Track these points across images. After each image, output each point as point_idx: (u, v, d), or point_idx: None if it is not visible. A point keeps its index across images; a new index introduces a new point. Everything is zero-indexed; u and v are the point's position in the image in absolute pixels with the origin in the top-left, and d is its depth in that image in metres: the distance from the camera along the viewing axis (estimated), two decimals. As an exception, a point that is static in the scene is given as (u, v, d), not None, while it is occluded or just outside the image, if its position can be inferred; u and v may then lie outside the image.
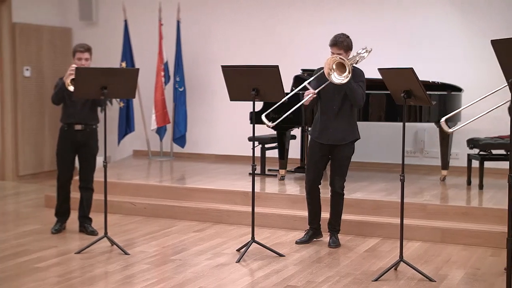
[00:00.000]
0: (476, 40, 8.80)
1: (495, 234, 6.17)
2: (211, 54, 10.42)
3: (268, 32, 10.12)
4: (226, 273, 5.37)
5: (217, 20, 10.45)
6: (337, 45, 5.97)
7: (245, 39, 10.27)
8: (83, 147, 6.62)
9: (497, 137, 7.87)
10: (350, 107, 6.09)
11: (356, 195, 7.25)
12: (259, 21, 10.19)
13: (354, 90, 5.91)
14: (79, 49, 6.48)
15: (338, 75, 5.75)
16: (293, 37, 9.93)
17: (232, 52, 10.24)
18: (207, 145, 10.64)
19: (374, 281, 5.13)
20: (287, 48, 9.90)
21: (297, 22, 9.94)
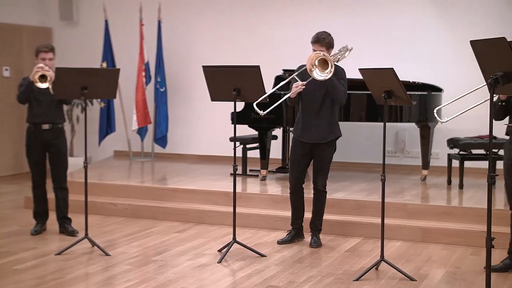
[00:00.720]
0: (456, 40, 8.85)
1: (475, 233, 6.20)
2: (192, 54, 10.40)
3: (250, 32, 10.12)
4: (208, 273, 5.36)
5: (198, 20, 10.43)
6: (319, 42, 5.99)
7: (226, 39, 10.26)
8: (51, 146, 6.56)
9: (477, 137, 7.93)
10: (331, 106, 6.11)
11: (338, 195, 7.27)
12: (240, 21, 10.19)
13: (336, 87, 5.93)
14: (43, 49, 6.42)
15: (321, 72, 5.75)
16: (275, 37, 9.94)
17: (213, 52, 10.23)
18: (188, 145, 10.62)
19: (355, 280, 5.14)
20: (268, 49, 9.91)
21: (279, 22, 9.95)
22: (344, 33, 8.61)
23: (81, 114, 10.23)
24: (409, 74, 8.21)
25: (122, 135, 10.67)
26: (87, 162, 6.13)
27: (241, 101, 6.06)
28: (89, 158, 10.23)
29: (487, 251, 3.93)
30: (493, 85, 3.85)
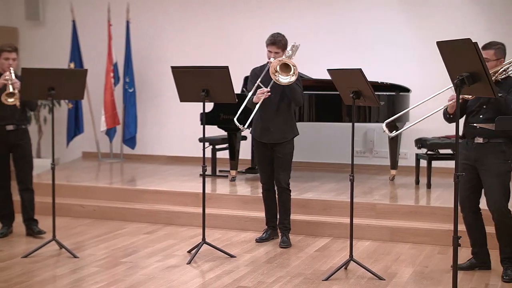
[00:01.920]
0: (423, 41, 8.92)
1: (443, 232, 6.27)
2: (161, 55, 10.36)
3: (219, 33, 10.11)
4: (177, 274, 5.33)
5: (167, 21, 10.39)
6: (275, 44, 6.08)
7: (195, 40, 10.23)
8: (16, 147, 6.48)
9: (444, 137, 8.01)
10: (288, 106, 6.19)
11: (307, 195, 7.29)
12: (209, 22, 10.17)
13: (294, 89, 6.03)
14: (7, 49, 6.33)
15: (284, 76, 5.83)
16: (243, 38, 9.94)
17: (182, 53, 10.20)
18: (157, 146, 10.58)
19: (325, 280, 5.16)
20: (237, 49, 9.90)
21: (247, 23, 9.95)
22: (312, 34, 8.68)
23: (48, 115, 10.14)
24: (377, 74, 8.26)
25: (90, 136, 10.59)
26: (54, 164, 6.07)
27: (210, 102, 6.05)
28: (56, 160, 10.15)
29: (454, 250, 3.97)
30: (459, 85, 3.89)
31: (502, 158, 5.10)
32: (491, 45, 5.14)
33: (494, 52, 5.10)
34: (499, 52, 5.12)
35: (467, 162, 5.22)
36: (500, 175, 5.10)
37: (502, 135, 5.06)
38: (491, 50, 5.10)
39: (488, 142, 5.11)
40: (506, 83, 5.09)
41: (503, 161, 5.10)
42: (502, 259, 5.23)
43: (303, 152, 6.29)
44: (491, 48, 5.11)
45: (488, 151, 5.11)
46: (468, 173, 5.19)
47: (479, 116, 5.15)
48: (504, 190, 5.12)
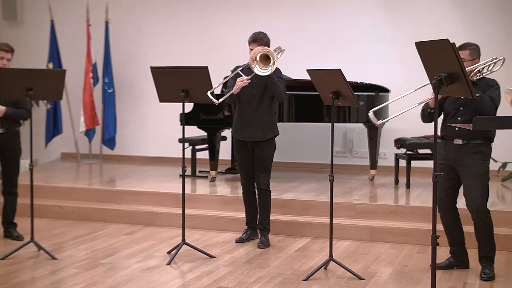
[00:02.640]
0: (403, 41, 8.98)
1: (422, 231, 6.30)
2: (140, 55, 10.33)
3: (198, 33, 10.10)
4: (157, 275, 5.32)
5: (146, 21, 10.35)
6: (257, 42, 6.08)
7: (175, 40, 10.21)
8: (5, 150, 6.43)
9: (423, 137, 8.05)
10: (269, 104, 6.19)
11: (287, 195, 7.30)
12: (189, 22, 10.15)
13: (276, 83, 6.02)
14: (4, 48, 6.30)
15: (262, 68, 5.81)
16: (223, 38, 9.93)
17: (162, 53, 10.17)
18: (137, 147, 10.54)
19: (305, 280, 5.17)
20: (217, 50, 9.90)
21: (227, 23, 9.95)
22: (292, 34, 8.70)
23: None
24: (357, 75, 8.29)
25: (69, 137, 10.52)
26: (32, 165, 6.03)
27: (189, 102, 6.04)
28: (35, 161, 10.08)
29: (433, 249, 4.00)
30: (437, 86, 3.92)
31: (481, 158, 5.14)
32: (466, 46, 5.19)
33: (470, 53, 5.15)
34: (474, 53, 5.17)
35: (445, 162, 5.26)
36: (479, 175, 5.14)
37: (480, 136, 5.11)
38: (467, 51, 5.15)
39: (467, 144, 5.14)
40: (481, 84, 5.14)
41: (482, 161, 5.15)
42: (481, 258, 5.28)
43: (283, 153, 6.30)
44: (466, 48, 5.16)
45: (467, 152, 5.14)
46: (446, 173, 5.22)
47: (457, 117, 5.19)
48: (483, 190, 5.16)
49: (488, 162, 5.19)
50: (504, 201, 7.26)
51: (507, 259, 5.63)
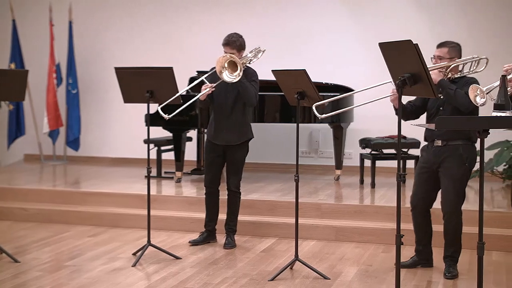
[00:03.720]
0: (367, 42, 9.02)
1: (386, 231, 6.35)
2: (105, 55, 10.25)
3: (163, 34, 10.06)
4: (122, 277, 5.28)
5: (111, 21, 10.28)
6: (229, 45, 6.03)
7: (139, 41, 10.16)
8: None
9: (387, 137, 8.12)
10: (243, 107, 6.15)
11: (252, 196, 7.31)
12: (154, 22, 10.11)
13: (247, 88, 5.98)
14: None
15: (230, 74, 5.78)
16: (188, 38, 9.91)
17: (126, 54, 10.10)
18: (102, 148, 10.45)
19: (270, 280, 5.17)
20: (182, 50, 9.87)
21: (192, 24, 9.93)
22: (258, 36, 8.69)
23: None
24: (322, 75, 8.33)
25: (32, 138, 10.40)
26: (-5, 166, 5.95)
27: (154, 103, 6.01)
28: (-2, 162, 9.96)
29: (397, 249, 4.03)
30: (401, 86, 3.95)
31: (460, 161, 5.15)
32: (446, 44, 5.23)
33: (448, 50, 5.18)
34: (453, 51, 5.20)
35: (425, 164, 5.29)
36: (457, 178, 5.16)
37: (460, 137, 5.11)
38: (445, 48, 5.19)
39: (446, 145, 5.17)
40: (461, 81, 5.18)
41: (461, 164, 5.15)
42: (445, 257, 5.33)
43: (249, 153, 6.29)
44: (445, 46, 5.21)
45: (446, 154, 5.17)
46: (426, 175, 5.26)
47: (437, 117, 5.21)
48: (460, 193, 5.20)
49: (467, 165, 5.18)
50: (468, 200, 7.31)
51: (470, 258, 5.69)
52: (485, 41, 8.67)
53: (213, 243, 6.35)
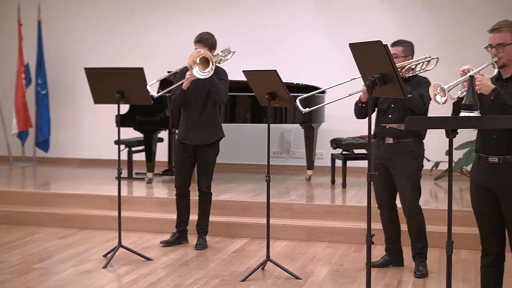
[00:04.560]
0: (338, 42, 9.06)
1: (357, 230, 6.38)
2: (75, 56, 10.17)
3: (134, 34, 10.01)
4: (92, 279, 5.24)
5: (81, 21, 10.21)
6: (202, 42, 6.03)
7: (110, 40, 10.10)
8: None
9: (358, 137, 8.16)
10: (213, 107, 6.15)
11: (224, 196, 7.30)
12: (124, 22, 10.06)
13: (217, 86, 5.98)
14: None
15: (201, 70, 5.76)
16: (159, 39, 9.87)
17: (96, 54, 10.04)
18: (72, 149, 10.37)
19: (242, 281, 5.17)
20: (153, 51, 9.82)
21: (163, 24, 9.89)
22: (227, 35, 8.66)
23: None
24: (293, 76, 8.35)
25: (1, 139, 10.29)
26: (-38, 168, 5.87)
27: (125, 104, 5.97)
28: (-35, 164, 9.82)
29: (367, 248, 4.05)
30: (371, 86, 3.97)
31: (412, 157, 5.24)
32: (399, 43, 5.31)
33: (403, 49, 5.26)
34: (407, 50, 5.28)
35: (379, 161, 5.35)
36: (410, 174, 5.25)
37: (410, 135, 5.21)
38: (400, 47, 5.27)
39: (397, 142, 5.24)
40: (413, 81, 5.26)
41: (413, 160, 5.24)
42: (414, 255, 5.38)
43: (220, 154, 6.29)
44: (399, 45, 5.28)
45: (398, 151, 5.24)
46: (381, 172, 5.31)
47: (388, 115, 5.27)
48: (415, 188, 5.28)
49: (419, 160, 5.29)
50: (437, 199, 7.42)
51: (440, 256, 5.74)
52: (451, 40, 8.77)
53: (184, 244, 6.34)
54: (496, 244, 4.05)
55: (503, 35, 3.85)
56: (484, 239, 4.09)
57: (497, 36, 3.86)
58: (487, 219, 4.03)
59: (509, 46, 3.85)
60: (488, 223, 4.03)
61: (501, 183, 3.88)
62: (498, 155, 3.87)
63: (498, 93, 3.76)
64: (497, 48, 3.86)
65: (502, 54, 3.86)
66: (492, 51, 3.90)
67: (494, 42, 3.88)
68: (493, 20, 4.10)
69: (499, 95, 3.76)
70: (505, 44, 3.84)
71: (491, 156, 3.90)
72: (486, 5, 8.78)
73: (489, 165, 3.92)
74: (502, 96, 3.76)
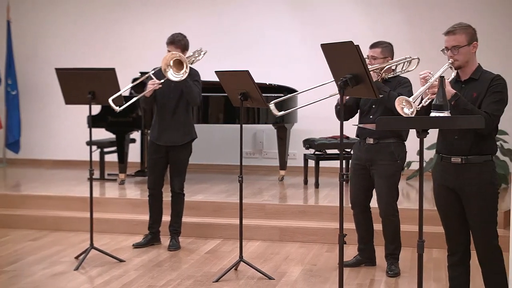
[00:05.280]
0: (311, 43, 9.10)
1: (330, 230, 6.40)
2: (46, 56, 10.08)
3: (105, 34, 9.95)
4: (64, 281, 5.20)
5: (51, 21, 10.12)
6: (174, 43, 6.01)
7: (81, 41, 10.02)
8: None
9: (331, 137, 8.19)
10: (186, 108, 6.14)
11: (197, 197, 7.29)
12: (96, 22, 9.99)
13: (190, 87, 5.97)
14: None
15: (175, 72, 5.74)
16: (131, 39, 9.82)
17: (68, 54, 9.96)
18: (43, 150, 10.27)
19: (215, 282, 5.17)
20: (125, 51, 9.78)
21: (135, 24, 9.85)
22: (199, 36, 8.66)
23: None
24: (265, 76, 8.36)
25: (-30, 141, 10.17)
26: None
27: (96, 104, 5.93)
28: None
29: (340, 248, 4.06)
30: (343, 87, 3.98)
31: (392, 158, 5.25)
32: (378, 44, 5.33)
33: (381, 50, 5.28)
34: (386, 51, 5.30)
35: (359, 162, 5.37)
36: (389, 175, 5.27)
37: (391, 135, 5.22)
38: (378, 48, 5.29)
39: (378, 143, 5.26)
40: (394, 81, 5.28)
41: (393, 161, 5.26)
42: (387, 255, 5.41)
43: (193, 154, 6.28)
44: (378, 46, 5.30)
45: (378, 152, 5.26)
46: (360, 173, 5.34)
47: (369, 116, 5.30)
48: (393, 190, 5.30)
49: (399, 162, 5.30)
50: (409, 199, 7.47)
51: (412, 256, 5.79)
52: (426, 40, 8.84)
53: (157, 245, 6.31)
54: (462, 243, 4.12)
55: (457, 37, 3.95)
56: (450, 239, 4.16)
57: (452, 38, 3.97)
58: (451, 219, 4.09)
59: (463, 48, 3.95)
60: (453, 223, 4.10)
61: (464, 183, 3.94)
62: (461, 155, 3.94)
63: (458, 98, 3.84)
64: (452, 50, 3.97)
65: (458, 56, 3.95)
66: (448, 53, 3.98)
67: (449, 45, 3.98)
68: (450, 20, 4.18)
69: (459, 100, 3.84)
70: (459, 46, 3.94)
71: (454, 157, 3.97)
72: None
73: (452, 165, 3.98)
74: (462, 101, 3.84)
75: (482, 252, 4.06)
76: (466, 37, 3.94)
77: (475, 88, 3.98)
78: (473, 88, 3.98)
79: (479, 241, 4.03)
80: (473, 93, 3.96)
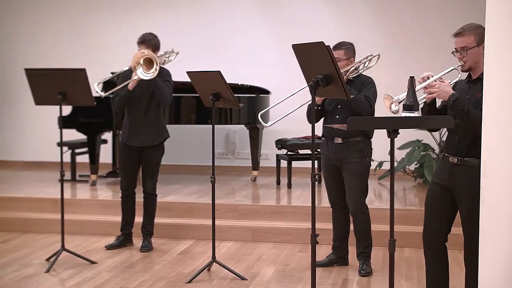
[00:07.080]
0: (282, 44, 9.11)
1: (302, 230, 6.42)
2: (14, 56, 9.99)
3: (75, 35, 9.88)
4: (35, 284, 5.15)
5: (19, 20, 10.02)
6: (145, 43, 6.00)
7: (50, 41, 9.94)
8: None
9: (303, 138, 8.21)
10: (157, 108, 6.12)
11: (169, 198, 7.26)
12: (66, 22, 9.91)
13: (161, 87, 5.95)
14: None
15: (145, 71, 5.73)
16: (102, 39, 9.77)
17: (37, 54, 9.87)
18: (14, 151, 10.17)
19: (188, 283, 5.15)
20: (96, 51, 9.72)
21: (107, 24, 9.80)
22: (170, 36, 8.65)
23: None
24: (237, 76, 8.36)
25: None
26: None
27: (67, 105, 5.88)
28: None
29: (312, 248, 4.08)
30: (314, 87, 4.00)
31: (361, 156, 5.30)
32: (341, 45, 5.35)
33: (344, 52, 5.32)
34: (349, 52, 5.34)
35: (329, 161, 5.39)
36: (358, 173, 5.30)
37: (359, 134, 5.27)
38: (341, 50, 5.31)
39: (346, 142, 5.29)
40: (358, 81, 5.32)
41: (362, 159, 5.30)
42: (358, 254, 5.44)
43: (166, 155, 6.26)
44: (341, 48, 5.33)
45: (347, 151, 5.29)
46: (332, 172, 5.37)
47: (335, 116, 5.33)
48: (362, 187, 5.34)
49: (368, 159, 5.35)
50: (380, 198, 7.51)
51: (384, 255, 5.83)
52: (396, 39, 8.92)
53: (129, 247, 6.28)
54: (438, 239, 4.12)
55: (465, 38, 3.93)
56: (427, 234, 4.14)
57: (460, 40, 3.95)
58: (435, 213, 4.08)
59: (472, 49, 3.92)
60: (436, 217, 4.09)
61: (458, 183, 3.96)
62: (458, 155, 3.96)
63: (456, 99, 3.85)
64: (461, 52, 3.95)
65: (467, 58, 3.94)
66: (457, 55, 3.98)
67: (458, 46, 3.97)
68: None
69: (457, 101, 3.85)
70: (468, 47, 3.93)
71: (451, 156, 4.00)
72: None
73: (449, 164, 4.01)
74: (459, 102, 3.84)
75: (472, 252, 4.03)
76: (475, 38, 3.91)
77: (480, 88, 3.98)
78: (479, 89, 3.96)
79: (469, 243, 4.02)
80: (478, 93, 3.95)
